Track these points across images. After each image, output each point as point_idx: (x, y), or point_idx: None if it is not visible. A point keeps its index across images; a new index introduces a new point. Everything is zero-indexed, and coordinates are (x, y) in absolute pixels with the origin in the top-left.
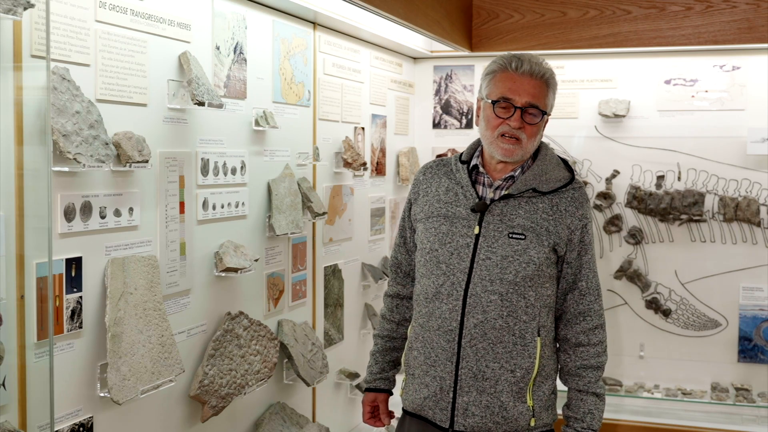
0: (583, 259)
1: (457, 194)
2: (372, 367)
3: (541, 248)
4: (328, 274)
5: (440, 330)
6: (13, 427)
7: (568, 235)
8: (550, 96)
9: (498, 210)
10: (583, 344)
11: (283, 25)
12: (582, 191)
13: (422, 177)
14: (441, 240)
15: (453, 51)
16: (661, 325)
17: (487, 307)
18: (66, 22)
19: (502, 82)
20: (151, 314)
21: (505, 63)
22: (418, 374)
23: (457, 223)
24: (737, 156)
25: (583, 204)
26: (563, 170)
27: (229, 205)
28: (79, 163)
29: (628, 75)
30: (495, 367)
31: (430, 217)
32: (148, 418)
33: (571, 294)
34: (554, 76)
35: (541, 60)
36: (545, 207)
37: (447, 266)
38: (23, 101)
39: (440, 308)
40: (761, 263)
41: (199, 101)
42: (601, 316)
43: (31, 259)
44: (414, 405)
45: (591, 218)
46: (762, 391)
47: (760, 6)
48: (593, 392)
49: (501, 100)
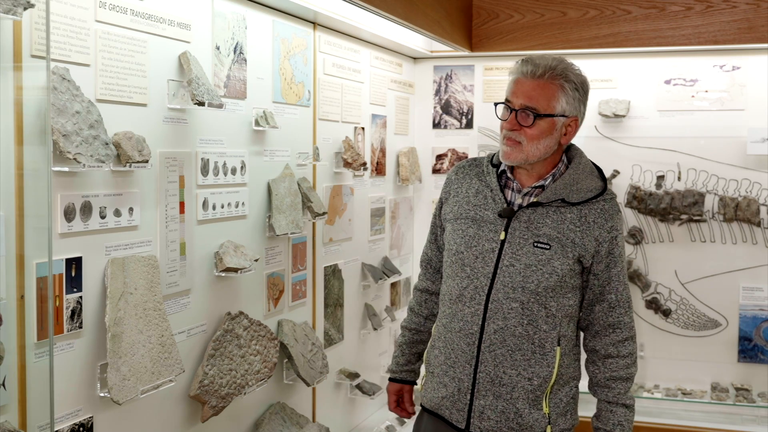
0: (612, 272)
1: (486, 197)
2: (398, 358)
3: (565, 260)
4: (328, 274)
5: (461, 332)
6: (13, 427)
7: (595, 247)
8: (560, 97)
9: (525, 217)
10: (613, 356)
11: (283, 25)
12: (613, 203)
13: (454, 177)
14: (467, 243)
15: (453, 51)
16: (661, 325)
17: (508, 314)
18: (66, 22)
19: (511, 84)
20: (151, 314)
21: (519, 65)
22: (437, 373)
23: (484, 227)
24: (737, 156)
25: (613, 216)
26: (596, 180)
27: (229, 205)
28: (79, 163)
29: (628, 75)
30: (512, 374)
31: (458, 219)
32: (148, 418)
33: (599, 306)
34: (566, 75)
35: (554, 61)
36: (573, 218)
37: (471, 269)
38: (23, 101)
39: (462, 311)
40: (761, 263)
41: (199, 101)
42: (631, 329)
43: (31, 259)
44: (432, 403)
45: (621, 230)
46: (762, 391)
47: (760, 6)
48: (623, 403)
49: (504, 102)
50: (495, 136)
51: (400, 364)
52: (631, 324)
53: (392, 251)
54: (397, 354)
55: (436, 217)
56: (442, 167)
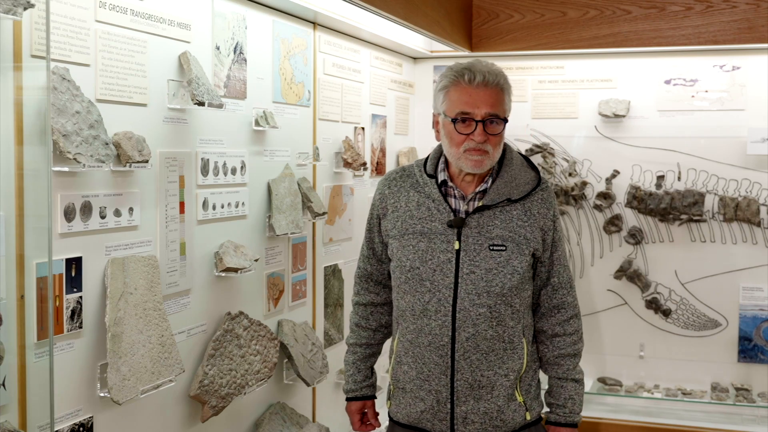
0: (554, 256)
1: (429, 209)
2: (355, 375)
3: (522, 257)
4: (328, 274)
5: (431, 346)
6: (13, 427)
7: (542, 236)
8: (507, 100)
9: (475, 223)
10: (559, 335)
11: (283, 25)
12: (549, 190)
13: (388, 191)
14: (421, 257)
15: (453, 51)
16: (661, 325)
17: (477, 320)
18: (66, 22)
19: (458, 97)
20: (151, 314)
21: (457, 76)
22: (410, 388)
23: (435, 239)
24: (737, 156)
25: (552, 203)
26: (529, 171)
27: (229, 205)
28: (79, 163)
29: (628, 75)
30: (489, 375)
31: (405, 234)
32: (148, 418)
33: (544, 289)
34: (507, 78)
35: (491, 65)
36: (519, 214)
37: (431, 283)
38: (23, 101)
39: (429, 324)
40: (761, 263)
41: (199, 101)
42: (575, 307)
43: (31, 259)
44: (410, 418)
45: (558, 214)
46: (762, 391)
47: (760, 6)
48: (572, 378)
49: (460, 116)
50: None
51: (357, 381)
52: (575, 303)
53: None
54: (351, 372)
55: (372, 232)
56: None
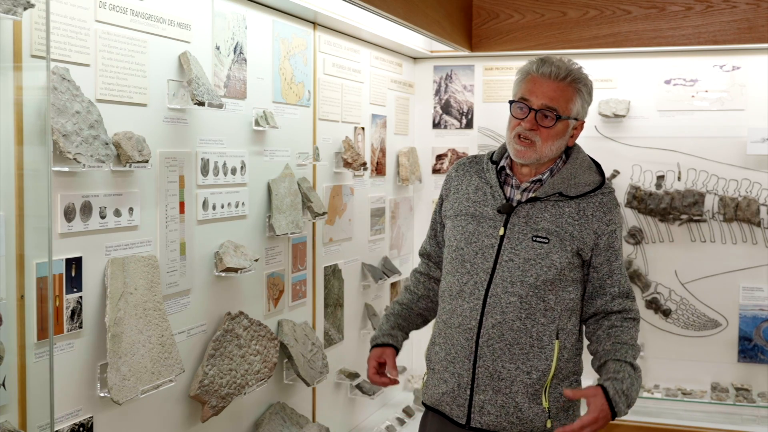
0: (614, 265)
1: (485, 194)
2: (383, 325)
3: (564, 253)
4: (328, 274)
5: (460, 327)
6: (13, 427)
7: (594, 239)
8: (576, 100)
9: (524, 212)
10: (617, 326)
11: (283, 25)
12: (611, 196)
13: (454, 174)
14: (467, 239)
15: (453, 51)
16: (661, 325)
17: (506, 308)
18: (66, 22)
19: (524, 84)
20: (151, 314)
21: (531, 65)
22: (438, 369)
23: (484, 223)
24: (737, 156)
25: (611, 209)
26: (594, 174)
27: (229, 205)
28: (79, 163)
29: (628, 75)
30: (511, 368)
31: (458, 215)
32: (148, 418)
33: (601, 300)
34: (583, 79)
35: (570, 62)
36: (571, 211)
37: (471, 265)
38: (23, 101)
39: (462, 306)
40: (761, 263)
41: (199, 101)
42: (637, 313)
43: (31, 259)
44: (433, 399)
45: (620, 224)
46: (762, 391)
47: (760, 6)
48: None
49: (519, 100)
50: (495, 136)
51: (383, 329)
52: (637, 310)
53: (392, 251)
54: (382, 322)
55: (436, 214)
56: (442, 167)
